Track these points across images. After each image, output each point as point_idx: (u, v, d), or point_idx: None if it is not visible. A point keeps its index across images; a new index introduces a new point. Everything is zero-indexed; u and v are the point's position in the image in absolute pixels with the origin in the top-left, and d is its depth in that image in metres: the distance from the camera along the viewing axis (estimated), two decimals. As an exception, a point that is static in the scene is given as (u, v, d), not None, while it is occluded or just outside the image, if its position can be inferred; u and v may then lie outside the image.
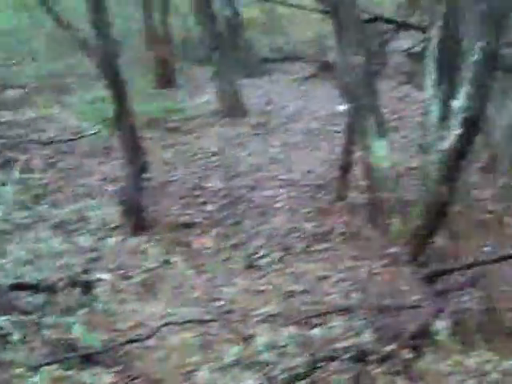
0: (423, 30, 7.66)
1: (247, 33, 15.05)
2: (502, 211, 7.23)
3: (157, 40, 13.33)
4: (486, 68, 6.00)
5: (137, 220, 7.46)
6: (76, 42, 8.25)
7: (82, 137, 10.37)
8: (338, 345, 5.00)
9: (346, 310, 5.58)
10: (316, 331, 5.28)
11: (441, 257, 6.48)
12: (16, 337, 5.02)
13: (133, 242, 7.22)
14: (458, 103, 6.04)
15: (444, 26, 6.46)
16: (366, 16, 8.62)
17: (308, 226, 7.56)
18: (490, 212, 7.40)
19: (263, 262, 6.87)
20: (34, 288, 5.84)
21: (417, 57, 10.68)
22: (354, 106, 7.39)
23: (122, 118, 7.63)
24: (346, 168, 8.08)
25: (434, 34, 6.52)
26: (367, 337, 5.06)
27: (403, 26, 10.85)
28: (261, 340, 5.12)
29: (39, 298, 5.74)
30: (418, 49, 11.19)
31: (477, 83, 5.96)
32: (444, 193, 6.30)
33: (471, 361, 4.72)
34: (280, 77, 14.29)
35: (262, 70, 14.65)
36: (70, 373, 4.67)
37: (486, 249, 6.43)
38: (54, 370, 4.64)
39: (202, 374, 4.75)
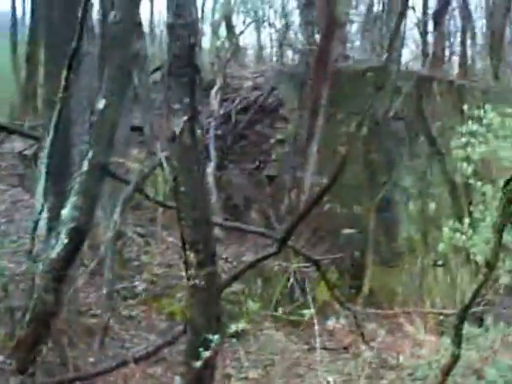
0: (35, 137, 7.99)
1: None
2: (108, 315, 7.67)
3: None
4: (94, 178, 6.46)
5: None
6: None
7: None
8: None
9: None
10: None
11: (50, 367, 6.61)
12: None
13: None
14: (66, 212, 6.34)
15: (55, 135, 6.79)
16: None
17: None
18: (96, 316, 7.80)
19: None
20: None
21: (30, 159, 10.93)
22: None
23: None
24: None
25: (47, 141, 6.82)
26: None
27: (15, 133, 11.05)
28: None
29: None
30: (30, 151, 11.45)
31: (85, 193, 6.37)
32: (50, 301, 6.47)
33: None
34: None
35: None
36: None
37: (91, 359, 6.74)
38: None
39: None
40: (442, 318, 10.24)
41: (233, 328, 6.59)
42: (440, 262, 12.45)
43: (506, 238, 5.53)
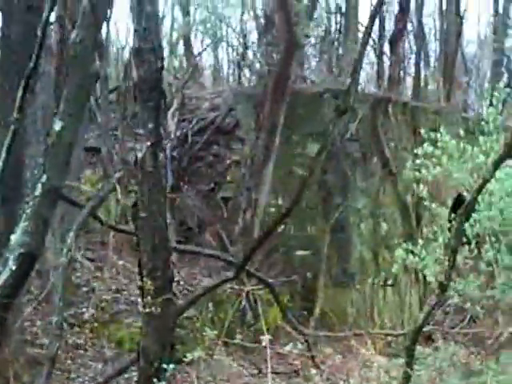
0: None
1: None
2: (57, 346, 7.40)
3: None
4: (46, 203, 6.24)
5: None
6: None
7: None
8: None
9: None
10: None
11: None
12: None
13: None
14: (15, 238, 6.07)
15: (8, 156, 6.58)
16: None
17: None
18: (42, 346, 7.54)
19: None
20: None
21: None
22: None
23: None
24: None
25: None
26: None
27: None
28: None
29: None
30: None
31: (36, 218, 6.11)
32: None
33: None
34: None
35: None
36: None
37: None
38: None
39: None
40: (390, 338, 10.32)
41: (189, 357, 6.47)
42: (390, 282, 12.55)
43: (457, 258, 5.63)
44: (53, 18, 9.17)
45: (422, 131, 7.25)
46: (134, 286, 8.49)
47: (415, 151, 7.08)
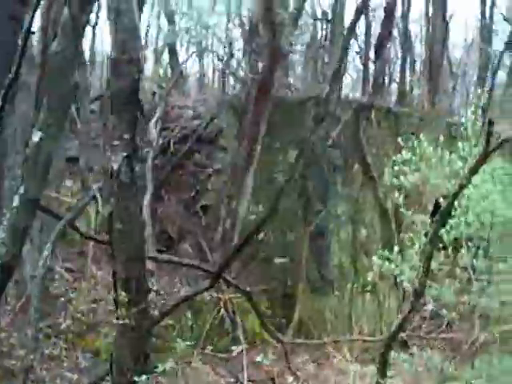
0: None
1: None
2: (32, 357, 7.35)
3: None
4: (24, 214, 6.19)
5: None
6: None
7: None
8: None
9: None
10: None
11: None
12: None
13: None
14: None
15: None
16: None
17: None
18: (18, 357, 7.53)
19: None
20: None
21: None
22: None
23: None
24: None
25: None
26: None
27: None
28: None
29: None
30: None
31: (14, 230, 6.03)
32: None
33: None
34: None
35: None
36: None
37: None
38: None
39: None
40: (368, 344, 10.34)
41: (160, 368, 6.45)
42: (368, 288, 12.57)
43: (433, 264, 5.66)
44: (36, 28, 9.20)
45: (399, 139, 7.31)
46: (112, 296, 8.44)
47: (394, 158, 7.12)
